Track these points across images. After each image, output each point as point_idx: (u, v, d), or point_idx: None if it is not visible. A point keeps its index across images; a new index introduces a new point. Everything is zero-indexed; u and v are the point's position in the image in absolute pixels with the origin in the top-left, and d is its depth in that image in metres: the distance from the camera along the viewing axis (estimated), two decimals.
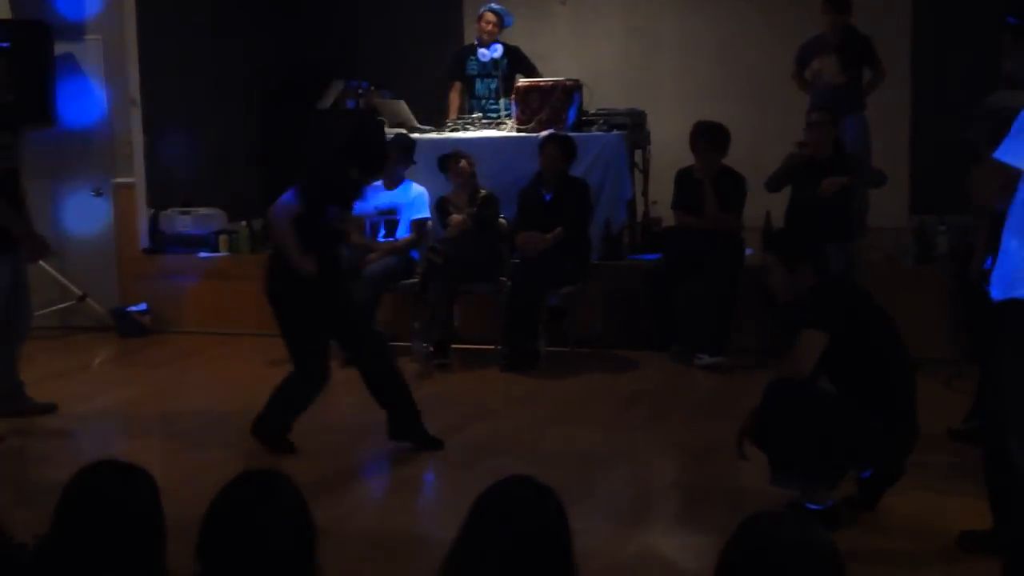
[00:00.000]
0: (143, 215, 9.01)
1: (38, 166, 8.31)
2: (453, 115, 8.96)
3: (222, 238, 8.93)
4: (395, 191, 7.99)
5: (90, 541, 2.43)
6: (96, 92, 8.80)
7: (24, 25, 8.57)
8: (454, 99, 9.11)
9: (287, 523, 2.34)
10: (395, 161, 7.94)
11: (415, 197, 7.98)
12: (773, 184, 7.47)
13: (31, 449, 5.97)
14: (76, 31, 8.75)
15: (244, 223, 9.09)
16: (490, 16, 8.88)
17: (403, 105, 8.90)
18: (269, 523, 2.31)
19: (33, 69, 8.44)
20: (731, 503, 4.81)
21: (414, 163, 8.04)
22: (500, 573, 2.20)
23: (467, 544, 2.24)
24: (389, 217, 7.96)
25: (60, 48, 8.59)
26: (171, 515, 2.60)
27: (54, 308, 8.43)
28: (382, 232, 7.97)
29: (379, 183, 8.01)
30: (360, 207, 7.98)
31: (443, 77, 9.26)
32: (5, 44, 8.36)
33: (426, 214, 7.97)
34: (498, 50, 8.84)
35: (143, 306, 8.68)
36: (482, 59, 8.87)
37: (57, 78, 8.57)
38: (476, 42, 9.03)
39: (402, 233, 7.95)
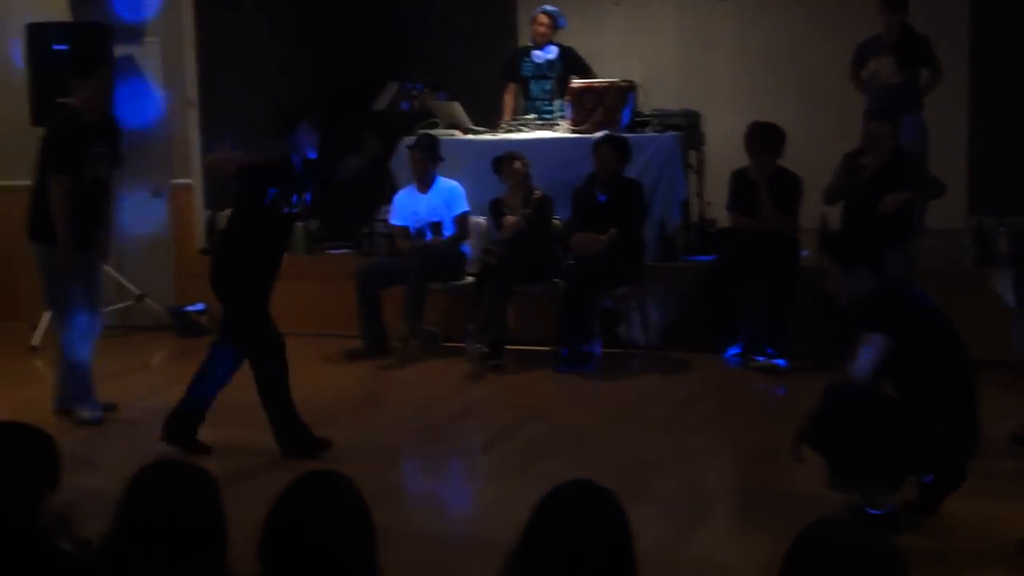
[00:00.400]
0: (200, 215, 9.10)
1: None
2: (507, 116, 8.96)
3: None
4: (429, 193, 8.01)
5: (151, 540, 2.45)
6: (154, 94, 8.90)
7: (83, 27, 8.68)
8: (508, 100, 9.11)
9: (349, 523, 2.35)
10: (423, 162, 7.95)
11: (449, 194, 7.99)
12: (831, 197, 7.34)
13: (92, 447, 6.04)
14: (135, 33, 8.85)
15: (300, 224, 9.13)
16: (543, 18, 8.87)
17: (458, 106, 8.92)
18: (331, 523, 2.32)
19: None
20: (789, 507, 4.78)
21: (442, 160, 8.05)
22: None
23: (529, 547, 2.24)
24: (433, 220, 8.00)
25: (119, 50, 8.70)
26: (231, 514, 2.62)
27: (113, 308, 8.52)
28: (429, 236, 7.98)
29: (412, 187, 8.03)
30: (400, 215, 8.03)
31: (497, 78, 9.27)
32: (64, 46, 8.49)
33: (465, 208, 7.99)
34: (553, 51, 8.85)
35: (201, 306, 8.75)
36: (536, 60, 8.88)
37: (116, 80, 8.66)
38: (530, 43, 9.03)
39: (448, 231, 7.98)
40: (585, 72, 8.85)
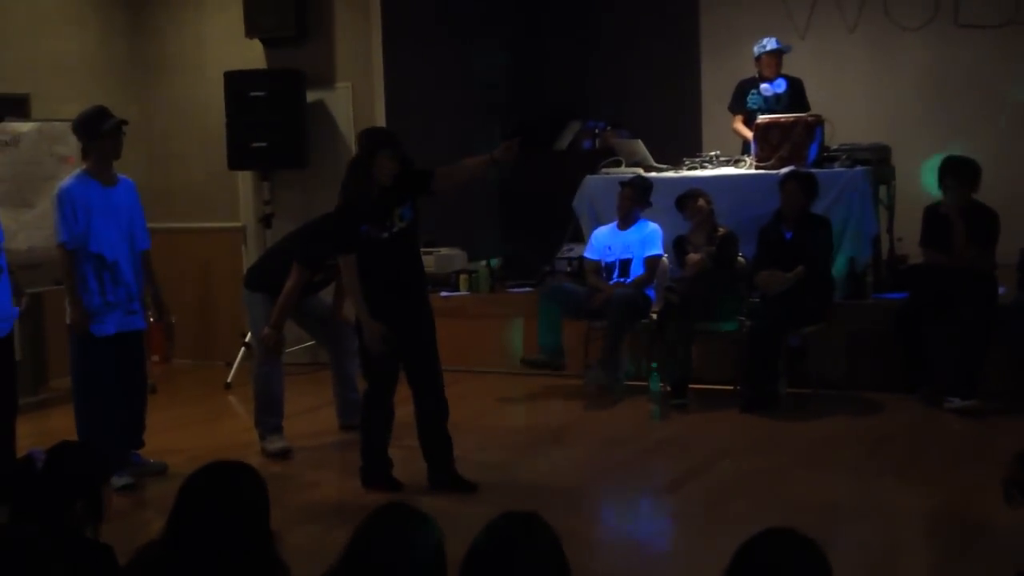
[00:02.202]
0: None
1: (291, 207, 8.73)
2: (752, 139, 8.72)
3: (462, 277, 9.14)
4: (629, 231, 7.99)
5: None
6: (345, 136, 9.16)
7: (279, 74, 9.03)
8: (742, 129, 8.83)
9: (545, 563, 2.34)
10: (632, 201, 7.94)
11: (648, 235, 7.96)
12: None
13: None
14: (327, 79, 9.16)
15: (484, 263, 9.28)
16: (768, 59, 8.72)
17: (640, 144, 8.91)
18: (528, 563, 2.32)
19: (287, 115, 8.89)
20: (993, 554, 4.61)
21: (650, 205, 8.01)
22: None
23: None
24: (623, 258, 7.97)
25: (312, 95, 9.02)
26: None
27: (303, 346, 8.74)
28: (616, 274, 7.96)
29: (613, 225, 8.02)
30: (596, 249, 8.04)
31: (678, 115, 9.20)
32: (260, 93, 8.83)
33: (659, 251, 7.93)
34: (782, 85, 8.70)
35: None
36: (765, 94, 8.72)
37: (309, 123, 8.99)
38: (757, 75, 8.87)
39: (636, 271, 7.94)
40: (806, 108, 8.65)
